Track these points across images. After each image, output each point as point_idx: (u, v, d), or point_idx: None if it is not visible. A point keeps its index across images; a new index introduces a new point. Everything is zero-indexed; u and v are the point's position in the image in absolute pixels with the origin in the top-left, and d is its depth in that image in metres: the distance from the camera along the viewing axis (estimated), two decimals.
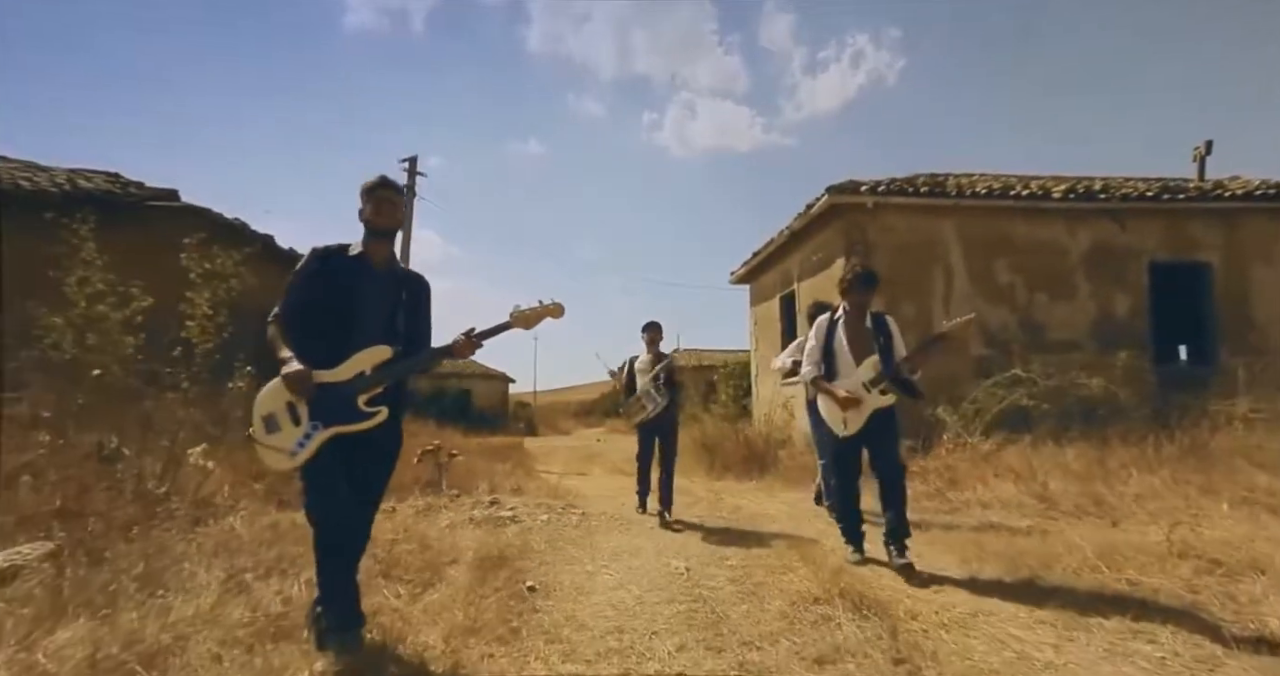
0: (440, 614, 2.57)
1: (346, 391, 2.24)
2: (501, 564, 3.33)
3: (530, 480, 6.89)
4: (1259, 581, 2.68)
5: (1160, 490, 4.76)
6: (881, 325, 3.52)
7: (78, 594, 2.49)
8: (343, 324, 2.30)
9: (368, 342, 2.28)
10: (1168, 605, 2.58)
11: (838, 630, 2.40)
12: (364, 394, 2.26)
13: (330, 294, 2.32)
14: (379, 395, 2.28)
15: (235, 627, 2.27)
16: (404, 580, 2.99)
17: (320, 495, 2.23)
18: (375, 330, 2.31)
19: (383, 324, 2.34)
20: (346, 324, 2.30)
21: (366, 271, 2.36)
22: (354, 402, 2.24)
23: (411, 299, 2.45)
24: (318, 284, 2.32)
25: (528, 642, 2.39)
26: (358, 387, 2.25)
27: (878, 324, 3.52)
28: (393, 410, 2.30)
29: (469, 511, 4.57)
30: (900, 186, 8.46)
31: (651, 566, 3.50)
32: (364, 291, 2.34)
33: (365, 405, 2.25)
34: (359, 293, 2.34)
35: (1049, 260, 8.46)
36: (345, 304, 2.31)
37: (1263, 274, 8.42)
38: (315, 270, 2.34)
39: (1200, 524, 3.61)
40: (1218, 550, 3.04)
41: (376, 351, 2.28)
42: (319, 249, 2.40)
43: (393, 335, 2.34)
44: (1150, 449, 5.58)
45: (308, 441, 2.21)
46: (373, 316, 2.33)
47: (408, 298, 2.44)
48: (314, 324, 2.29)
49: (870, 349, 3.42)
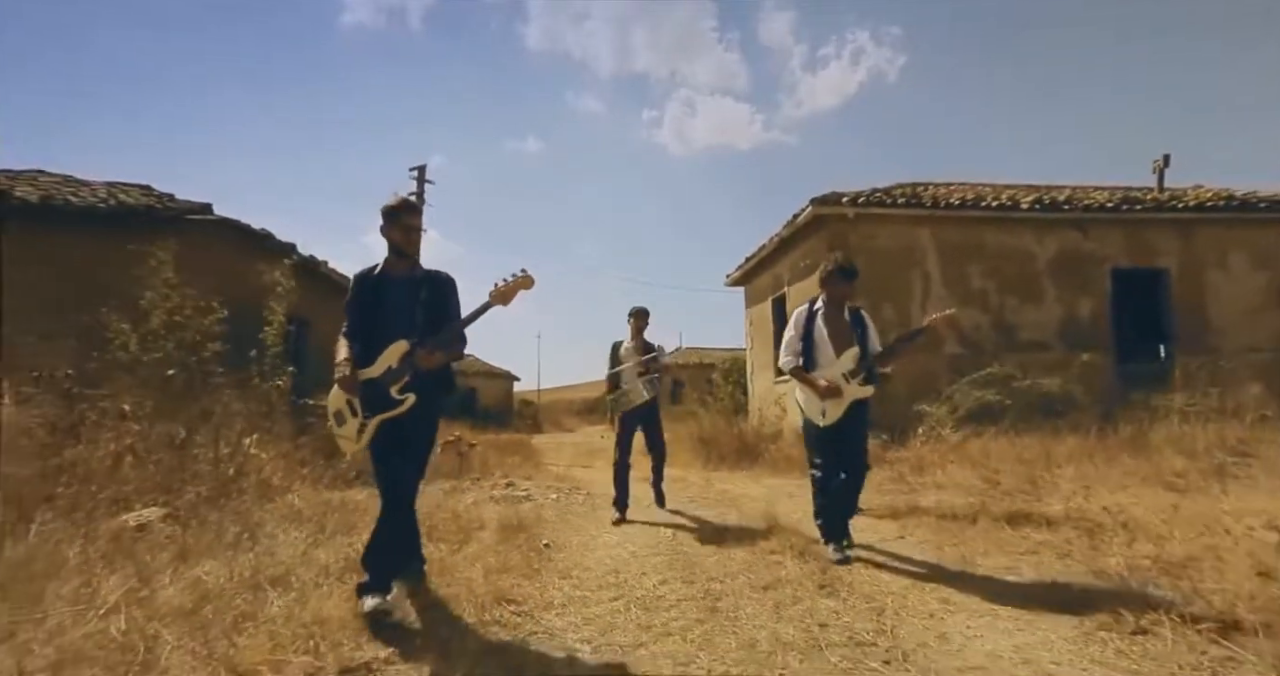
0: (476, 560, 3.34)
1: (382, 384, 2.68)
2: (520, 529, 4.09)
3: (539, 470, 7.66)
4: (1120, 535, 3.43)
5: (1092, 474, 5.50)
6: (858, 319, 3.61)
7: (197, 543, 3.26)
8: (374, 330, 2.74)
9: (391, 341, 2.69)
10: (1045, 552, 3.33)
11: (782, 568, 3.17)
12: (394, 384, 2.67)
13: (364, 308, 2.79)
14: (408, 383, 2.68)
15: (326, 565, 3.03)
16: (443, 540, 3.75)
17: (379, 466, 2.77)
18: (397, 329, 2.70)
19: (404, 323, 2.71)
20: (377, 329, 2.74)
21: (388, 283, 2.80)
22: (388, 393, 2.66)
23: (432, 295, 2.80)
24: (357, 304, 2.81)
25: (546, 578, 3.16)
26: (388, 380, 2.68)
27: (855, 317, 3.61)
28: (422, 392, 2.69)
29: (489, 492, 5.35)
30: (879, 197, 9.21)
31: (644, 532, 4.26)
32: (386, 300, 2.76)
33: (397, 393, 2.66)
34: (383, 302, 2.76)
35: (1018, 266, 9.20)
36: (373, 313, 2.77)
37: (1216, 279, 9.15)
38: (355, 294, 2.83)
39: (1095, 497, 4.35)
40: (1100, 516, 3.78)
41: (397, 347, 2.68)
42: (357, 275, 2.88)
43: (412, 331, 2.69)
44: (1094, 439, 6.33)
45: (364, 428, 2.70)
46: (394, 319, 2.73)
47: (428, 295, 2.79)
48: (360, 334, 2.78)
49: (850, 341, 3.52)
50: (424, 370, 2.69)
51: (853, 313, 3.62)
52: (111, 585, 2.56)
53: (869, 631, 2.41)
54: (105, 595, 2.44)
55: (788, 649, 2.27)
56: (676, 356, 28.36)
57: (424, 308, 2.75)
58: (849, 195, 9.10)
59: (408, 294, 2.77)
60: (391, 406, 2.66)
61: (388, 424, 2.69)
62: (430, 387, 2.76)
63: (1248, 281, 9.13)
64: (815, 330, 3.58)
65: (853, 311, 3.63)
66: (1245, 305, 9.08)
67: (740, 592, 2.90)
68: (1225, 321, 9.08)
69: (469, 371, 28.58)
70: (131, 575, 2.69)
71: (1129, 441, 6.33)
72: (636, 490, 5.04)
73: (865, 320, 3.63)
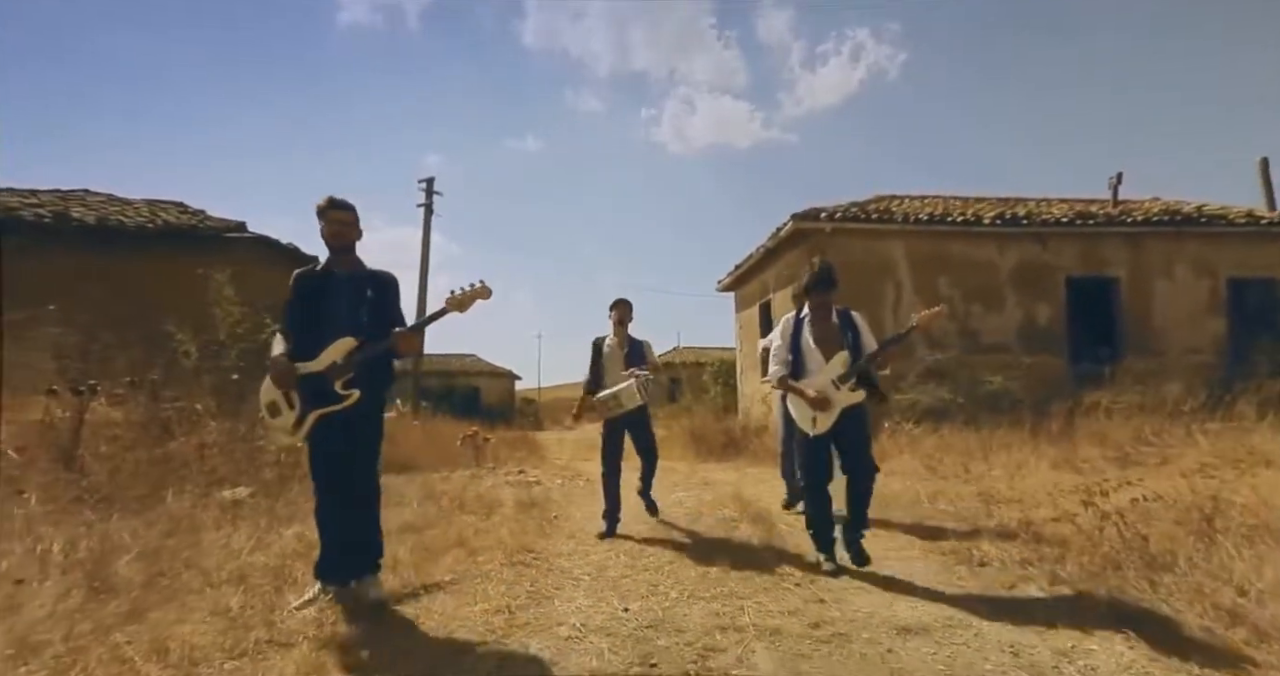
0: (501, 526, 4.34)
1: (325, 379, 2.72)
2: (533, 506, 5.11)
3: (544, 462, 8.67)
4: (1008, 503, 4.43)
5: (1020, 460, 6.49)
6: (849, 321, 3.49)
7: (285, 513, 4.26)
8: (315, 325, 2.79)
9: (336, 337, 2.73)
10: (945, 516, 4.33)
11: (738, 530, 4.18)
12: (339, 379, 2.72)
13: (305, 305, 2.84)
14: (353, 379, 2.73)
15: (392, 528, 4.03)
16: (473, 512, 4.77)
17: (315, 462, 2.86)
18: (342, 326, 2.75)
19: (348, 320, 2.78)
20: (318, 324, 2.78)
21: (330, 280, 2.87)
22: (331, 387, 2.71)
23: (377, 295, 2.87)
24: (298, 302, 2.86)
25: (556, 538, 4.17)
26: (332, 375, 2.72)
27: (845, 320, 3.49)
28: (367, 388, 2.77)
29: (504, 478, 6.37)
30: (855, 213, 10.20)
31: (635, 509, 5.25)
32: (330, 297, 2.82)
33: (342, 388, 2.72)
34: (325, 298, 2.82)
35: (982, 275, 10.17)
36: (315, 309, 2.82)
37: (1162, 287, 10.13)
38: (294, 293, 2.88)
39: (1014, 479, 5.34)
40: (1006, 493, 4.78)
41: (343, 343, 2.73)
42: (297, 273, 2.93)
43: (358, 328, 2.76)
44: (1029, 433, 7.32)
45: (302, 422, 2.75)
46: (339, 315, 2.79)
47: (373, 295, 2.86)
48: (300, 330, 2.82)
49: (839, 345, 3.41)
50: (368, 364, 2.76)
51: (841, 314, 3.51)
52: (242, 536, 3.57)
53: (791, 568, 3.41)
54: (243, 542, 3.45)
55: (731, 578, 3.27)
56: (673, 356, 29.28)
57: (369, 306, 2.83)
58: (827, 210, 10.10)
59: (353, 291, 2.84)
60: (334, 401, 2.72)
61: (333, 418, 2.74)
62: (374, 383, 2.85)
63: (1190, 289, 10.10)
64: (802, 339, 3.49)
65: (841, 313, 3.51)
66: (1188, 311, 10.06)
67: (705, 544, 3.91)
68: (1169, 326, 10.06)
69: (472, 371, 29.62)
70: (251, 532, 3.70)
71: (1057, 434, 7.32)
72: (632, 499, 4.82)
73: (856, 322, 3.51)
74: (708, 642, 2.43)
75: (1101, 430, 7.25)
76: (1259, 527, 3.11)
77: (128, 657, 2.13)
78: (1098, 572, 2.98)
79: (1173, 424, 7.22)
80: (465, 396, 26.32)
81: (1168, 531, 3.19)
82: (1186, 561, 2.87)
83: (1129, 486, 3.63)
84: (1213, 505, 3.24)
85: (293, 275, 2.95)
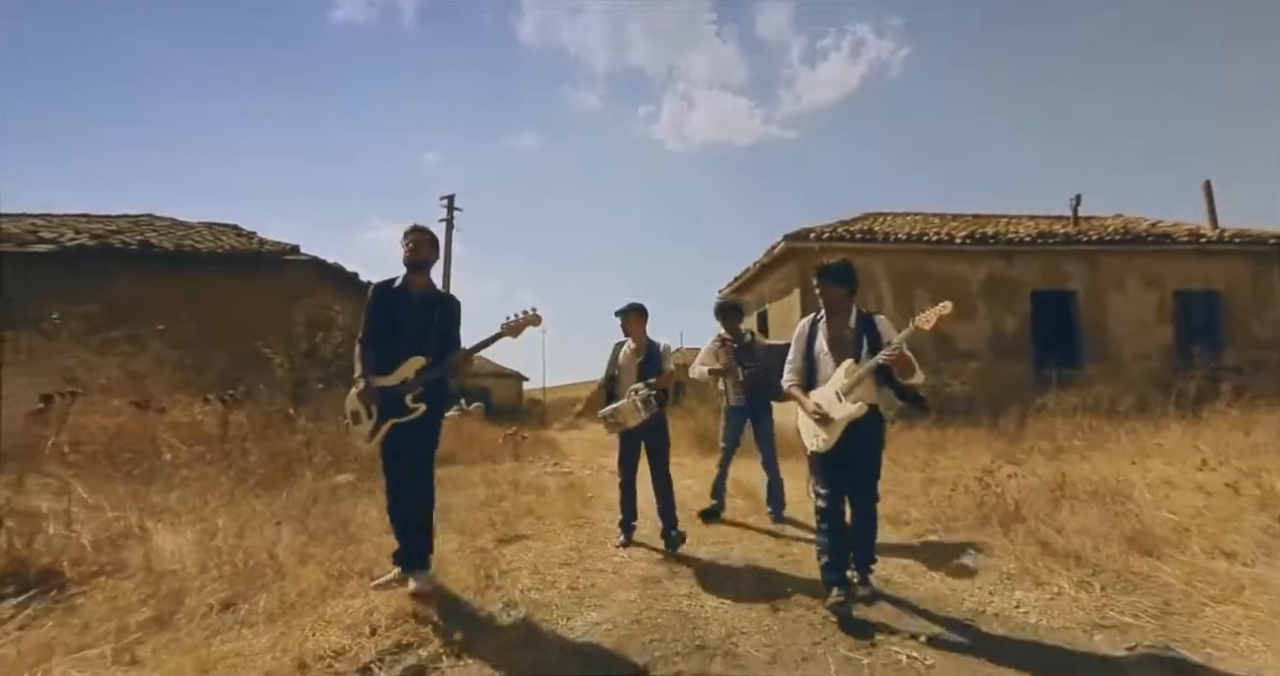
0: (554, 501, 5.81)
1: (397, 392, 3.09)
2: (572, 488, 6.58)
3: (567, 457, 10.15)
4: (944, 486, 5.88)
5: (973, 452, 7.93)
6: (869, 326, 3.21)
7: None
8: (392, 340, 3.18)
9: (408, 354, 3.10)
10: (896, 498, 5.79)
11: (734, 503, 5.64)
12: (409, 393, 3.08)
13: (383, 318, 3.21)
14: (420, 394, 3.13)
15: (467, 504, 5.50)
16: (527, 493, 6.23)
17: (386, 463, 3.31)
18: (413, 344, 3.11)
19: (419, 338, 3.13)
20: (394, 340, 3.17)
21: (405, 298, 3.21)
22: (402, 400, 3.08)
23: (442, 318, 3.23)
24: (375, 313, 3.23)
25: (596, 509, 5.64)
26: (403, 390, 3.09)
27: (864, 325, 3.22)
28: (430, 403, 3.15)
29: (542, 469, 7.85)
30: (840, 233, 11.66)
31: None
32: (404, 314, 3.18)
33: (411, 402, 3.09)
34: (399, 314, 3.18)
35: (955, 289, 11.59)
36: (392, 325, 3.20)
37: (1115, 299, 11.58)
38: (373, 302, 3.25)
39: (952, 466, 6.79)
40: (943, 476, 6.23)
41: (414, 362, 3.10)
42: (376, 285, 3.32)
43: (426, 347, 3.12)
44: (984, 431, 8.77)
45: (378, 430, 3.16)
46: (411, 333, 3.14)
47: (439, 316, 3.21)
48: (377, 340, 3.23)
49: (850, 353, 3.16)
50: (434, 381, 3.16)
51: (863, 319, 3.24)
52: (364, 507, 5.03)
53: (772, 533, 4.86)
54: (371, 512, 4.91)
55: (727, 532, 4.73)
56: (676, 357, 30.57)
57: (436, 329, 3.19)
58: (816, 231, 11.56)
59: (423, 312, 3.20)
60: (405, 412, 3.11)
61: (399, 427, 3.15)
62: (435, 398, 3.24)
63: (1140, 300, 11.55)
64: (816, 344, 3.30)
65: (864, 318, 3.25)
66: (1138, 320, 11.51)
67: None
68: (1122, 333, 11.51)
69: (482, 372, 31.08)
70: (367, 505, 5.16)
71: (1012, 431, 8.77)
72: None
73: (877, 326, 3.22)
74: (710, 563, 3.90)
75: (1047, 428, 8.70)
76: (1094, 493, 4.57)
77: (345, 572, 3.56)
78: (976, 526, 4.44)
79: (1107, 422, 8.68)
80: (476, 398, 27.77)
81: (1030, 498, 4.65)
82: (1035, 516, 4.33)
83: (1015, 468, 5.09)
84: (1062, 478, 4.70)
85: (372, 286, 3.37)
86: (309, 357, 7.92)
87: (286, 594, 2.84)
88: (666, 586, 3.55)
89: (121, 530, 3.42)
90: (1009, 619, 3.01)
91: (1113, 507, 4.32)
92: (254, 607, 2.74)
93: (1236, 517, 3.86)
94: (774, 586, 3.53)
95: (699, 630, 2.91)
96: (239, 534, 3.68)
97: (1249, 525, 3.70)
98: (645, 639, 2.80)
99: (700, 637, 2.81)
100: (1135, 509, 4.26)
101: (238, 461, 5.78)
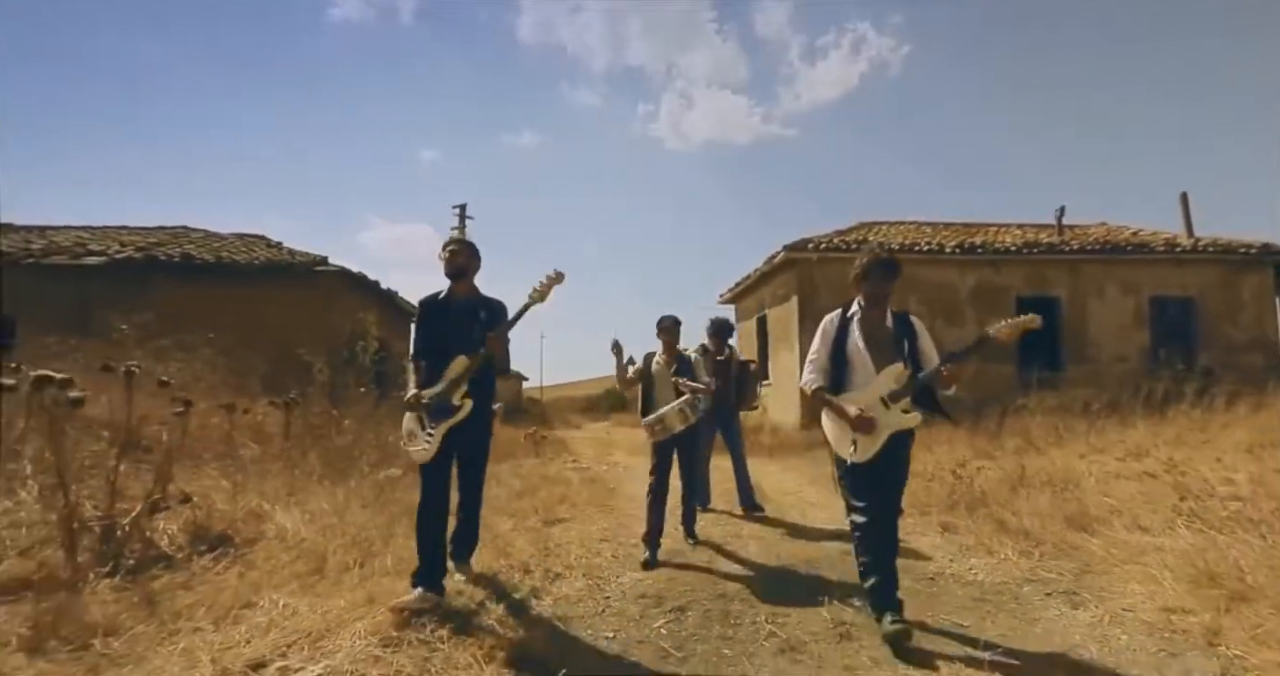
0: (581, 491, 6.69)
1: (445, 396, 3.23)
2: (595, 481, 7.46)
3: (582, 455, 11.05)
4: (923, 478, 6.77)
5: (955, 450, 8.82)
6: (906, 326, 3.03)
7: None
8: (440, 349, 3.33)
9: (454, 357, 3.24)
10: None
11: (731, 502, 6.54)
12: (455, 392, 3.21)
13: (430, 332, 3.43)
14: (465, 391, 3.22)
15: (506, 493, 6.37)
16: (556, 485, 7.11)
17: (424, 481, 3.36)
18: (459, 347, 3.25)
19: (466, 344, 3.24)
20: (442, 348, 3.32)
21: (449, 308, 3.40)
22: (450, 402, 3.20)
23: (490, 317, 3.35)
24: (424, 327, 3.46)
25: (619, 498, 6.53)
26: (450, 390, 3.22)
27: (902, 324, 3.03)
28: (478, 400, 3.26)
29: (563, 465, 8.74)
30: (837, 244, 12.55)
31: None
32: (448, 322, 3.36)
33: (458, 400, 3.20)
34: (445, 324, 3.36)
35: (946, 295, 12.51)
36: (438, 333, 3.39)
37: (1095, 306, 12.49)
38: (422, 317, 3.48)
39: (932, 461, 7.67)
40: (923, 470, 7.11)
41: (458, 362, 3.22)
42: (423, 300, 3.49)
43: (473, 348, 3.22)
44: (967, 431, 9.67)
45: (432, 439, 3.21)
46: (456, 337, 3.29)
47: (486, 316, 3.34)
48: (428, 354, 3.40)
49: (893, 355, 2.96)
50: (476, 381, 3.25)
51: (900, 319, 3.07)
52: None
53: (775, 517, 5.75)
54: None
55: (739, 521, 5.61)
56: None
57: (481, 328, 3.28)
58: (813, 241, 12.45)
59: (468, 315, 3.33)
60: (452, 414, 3.20)
61: (452, 432, 3.22)
62: (482, 395, 3.36)
63: (1118, 307, 12.47)
64: (850, 341, 3.03)
65: (899, 317, 3.08)
66: (1116, 325, 12.43)
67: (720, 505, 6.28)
68: (1102, 338, 12.42)
69: None
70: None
71: (989, 430, 9.67)
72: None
73: (915, 327, 3.05)
74: (722, 542, 4.79)
75: (1025, 427, 9.59)
76: (1047, 482, 5.47)
77: None
78: (946, 510, 5.34)
79: (1080, 421, 9.58)
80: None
81: (995, 487, 5.55)
82: (996, 502, 5.21)
83: (987, 462, 5.97)
84: (1022, 471, 5.59)
85: (419, 302, 3.54)
86: (349, 364, 8.76)
87: (399, 558, 3.70)
88: (689, 557, 4.44)
89: (254, 509, 4.29)
90: (960, 577, 3.90)
91: (1061, 494, 5.21)
92: (381, 563, 3.62)
93: (1156, 500, 4.76)
94: (775, 553, 4.44)
95: (719, 584, 3.80)
96: (337, 514, 4.55)
97: (1163, 505, 4.58)
98: (679, 589, 3.69)
99: (721, 589, 3.71)
100: (1080, 495, 5.15)
101: (297, 459, 6.64)
